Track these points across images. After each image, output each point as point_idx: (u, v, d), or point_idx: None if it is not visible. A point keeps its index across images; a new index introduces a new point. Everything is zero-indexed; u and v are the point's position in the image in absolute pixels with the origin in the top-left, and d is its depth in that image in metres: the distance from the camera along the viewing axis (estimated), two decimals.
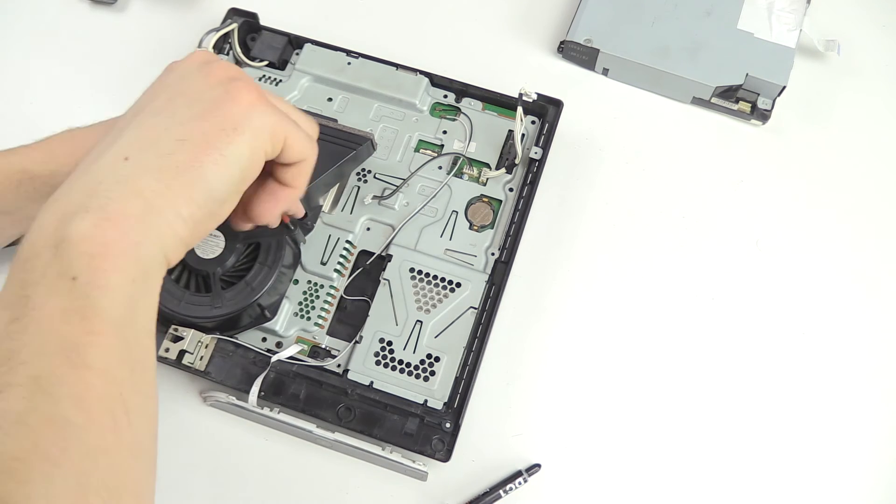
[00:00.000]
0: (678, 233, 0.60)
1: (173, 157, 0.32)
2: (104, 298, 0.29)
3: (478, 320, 0.53)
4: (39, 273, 0.28)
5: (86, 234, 0.29)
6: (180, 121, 0.33)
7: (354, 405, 0.52)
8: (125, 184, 0.31)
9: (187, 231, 0.33)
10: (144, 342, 0.31)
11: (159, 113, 0.34)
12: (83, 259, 0.29)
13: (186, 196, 0.32)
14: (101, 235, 0.29)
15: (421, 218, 0.56)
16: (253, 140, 0.34)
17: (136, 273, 0.30)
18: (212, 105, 0.34)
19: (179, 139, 0.32)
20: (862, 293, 0.58)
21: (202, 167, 0.32)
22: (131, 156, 0.32)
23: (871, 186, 0.61)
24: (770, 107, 0.61)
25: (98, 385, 0.28)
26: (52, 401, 0.27)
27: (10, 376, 0.27)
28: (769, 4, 0.64)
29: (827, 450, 0.53)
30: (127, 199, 0.30)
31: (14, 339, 0.27)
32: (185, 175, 0.32)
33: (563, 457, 0.53)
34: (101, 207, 0.30)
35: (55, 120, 0.64)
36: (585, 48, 0.63)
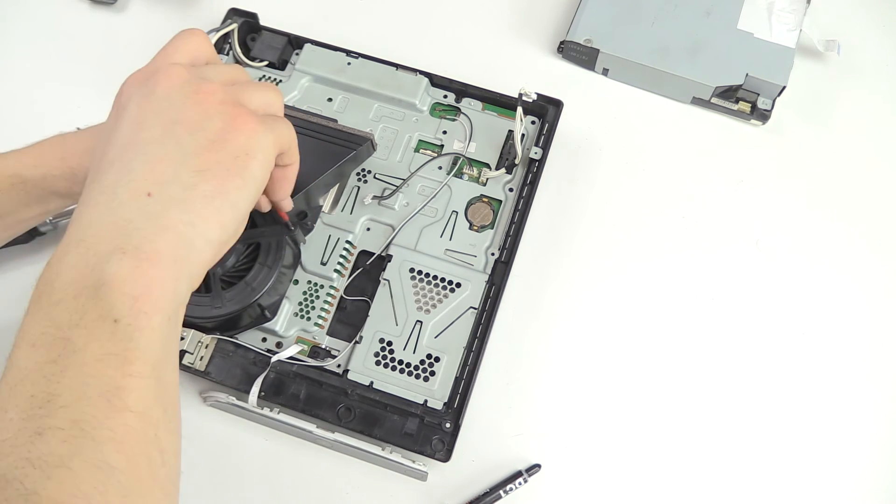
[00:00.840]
0: (678, 233, 0.60)
1: (198, 188, 0.33)
2: (144, 339, 0.29)
3: (478, 320, 0.53)
4: (78, 315, 0.29)
5: (126, 276, 0.29)
6: (192, 152, 0.33)
7: (354, 405, 0.52)
8: (156, 220, 0.31)
9: (213, 253, 0.34)
10: (173, 378, 0.32)
11: (163, 143, 0.33)
12: (126, 301, 0.29)
13: (216, 222, 0.33)
14: (142, 276, 0.29)
15: (421, 218, 0.56)
16: (264, 159, 0.36)
17: (172, 310, 0.31)
18: (218, 136, 0.34)
19: (198, 171, 0.33)
20: (862, 293, 0.58)
21: (227, 193, 0.33)
22: (153, 191, 0.32)
23: (871, 186, 0.61)
24: (770, 107, 0.61)
25: (137, 427, 0.28)
26: (93, 445, 0.27)
27: (51, 419, 0.27)
28: (769, 4, 0.64)
29: (827, 449, 0.53)
30: (161, 237, 0.31)
31: (53, 381, 0.27)
32: (213, 203, 0.33)
33: (563, 457, 0.53)
34: (138, 248, 0.30)
35: (55, 120, 0.64)
36: (585, 48, 0.63)
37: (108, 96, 0.64)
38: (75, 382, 0.28)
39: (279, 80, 0.61)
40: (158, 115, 0.34)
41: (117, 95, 0.37)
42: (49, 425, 0.27)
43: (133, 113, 0.35)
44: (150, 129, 0.34)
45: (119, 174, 0.33)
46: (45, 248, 0.59)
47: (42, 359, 0.28)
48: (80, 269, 0.30)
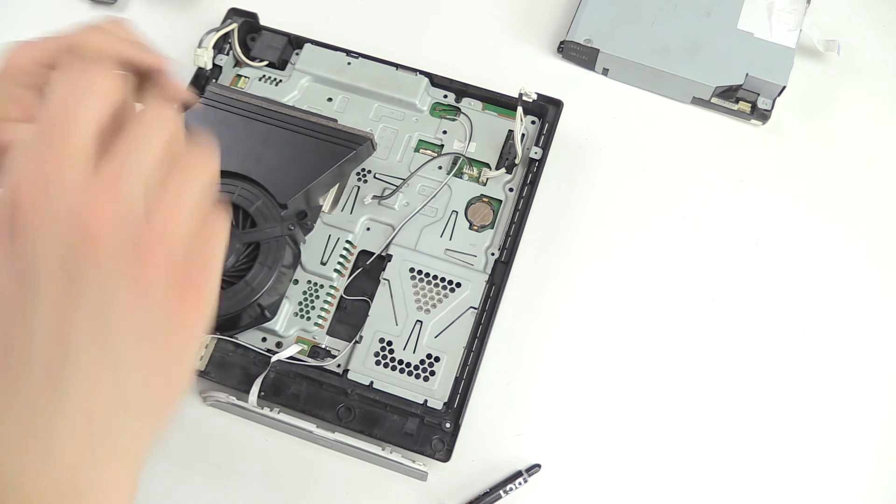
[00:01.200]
0: (678, 233, 0.60)
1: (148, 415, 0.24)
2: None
3: (478, 320, 0.53)
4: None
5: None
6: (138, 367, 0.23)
7: (354, 405, 0.52)
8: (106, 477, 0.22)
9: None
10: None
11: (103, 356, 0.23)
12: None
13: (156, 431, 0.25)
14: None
15: (421, 218, 0.56)
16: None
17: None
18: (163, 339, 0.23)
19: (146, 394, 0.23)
20: (862, 293, 0.58)
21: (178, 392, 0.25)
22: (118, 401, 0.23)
23: (871, 186, 0.61)
24: (770, 107, 0.61)
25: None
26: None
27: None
28: (769, 4, 0.64)
29: (827, 449, 0.53)
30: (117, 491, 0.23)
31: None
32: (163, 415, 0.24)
33: (563, 457, 0.53)
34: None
35: None
36: (585, 48, 0.63)
37: None
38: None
39: (279, 79, 0.61)
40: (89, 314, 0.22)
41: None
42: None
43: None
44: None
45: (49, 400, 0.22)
46: None
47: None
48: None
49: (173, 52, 0.67)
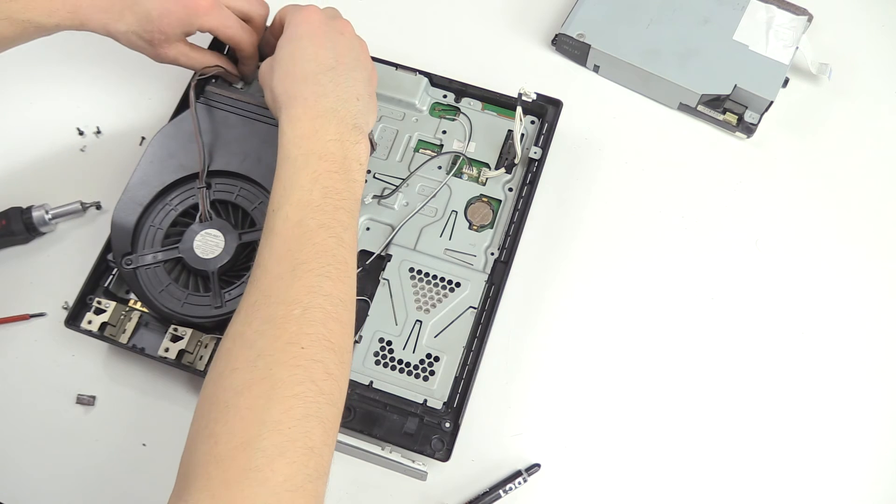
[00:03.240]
0: (677, 233, 0.60)
1: (368, 100, 0.51)
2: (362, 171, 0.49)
3: (477, 320, 0.53)
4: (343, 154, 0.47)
5: (362, 152, 0.48)
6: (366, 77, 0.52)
7: (354, 405, 0.52)
8: (367, 115, 0.50)
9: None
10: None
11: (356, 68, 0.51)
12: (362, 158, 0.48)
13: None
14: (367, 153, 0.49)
15: (420, 218, 0.56)
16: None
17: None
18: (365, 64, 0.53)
19: (369, 90, 0.52)
20: (861, 294, 0.58)
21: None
22: (360, 97, 0.49)
23: (853, 209, 0.61)
24: (757, 121, 0.61)
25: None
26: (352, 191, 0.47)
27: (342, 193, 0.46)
28: (769, 19, 0.63)
29: (826, 449, 0.54)
30: (369, 125, 0.50)
31: (336, 179, 0.46)
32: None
33: (563, 456, 0.53)
34: (363, 131, 0.49)
35: (55, 119, 0.64)
36: (577, 42, 0.63)
37: (109, 95, 0.65)
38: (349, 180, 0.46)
39: None
40: (351, 54, 0.51)
41: (308, 24, 0.50)
42: (342, 198, 0.45)
43: (338, 47, 0.50)
44: (346, 61, 0.50)
45: (339, 84, 0.48)
46: (45, 248, 0.59)
47: (326, 169, 0.45)
48: (337, 141, 0.46)
49: None
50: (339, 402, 0.41)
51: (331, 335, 0.41)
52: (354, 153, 0.47)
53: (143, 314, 0.54)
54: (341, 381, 0.41)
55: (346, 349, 0.42)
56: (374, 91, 0.52)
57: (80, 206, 0.59)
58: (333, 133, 0.46)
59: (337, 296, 0.42)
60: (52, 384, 0.55)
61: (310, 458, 0.37)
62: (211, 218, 0.53)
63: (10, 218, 0.58)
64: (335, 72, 0.49)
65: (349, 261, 0.44)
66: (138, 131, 0.63)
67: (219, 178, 0.54)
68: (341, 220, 0.44)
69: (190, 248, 0.52)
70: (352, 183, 0.46)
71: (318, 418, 0.38)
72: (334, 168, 0.45)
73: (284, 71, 0.49)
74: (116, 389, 0.55)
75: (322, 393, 0.39)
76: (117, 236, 0.53)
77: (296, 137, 0.46)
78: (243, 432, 0.36)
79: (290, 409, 0.37)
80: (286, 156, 0.45)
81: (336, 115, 0.47)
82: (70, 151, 0.63)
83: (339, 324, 0.42)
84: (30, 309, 0.57)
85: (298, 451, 0.37)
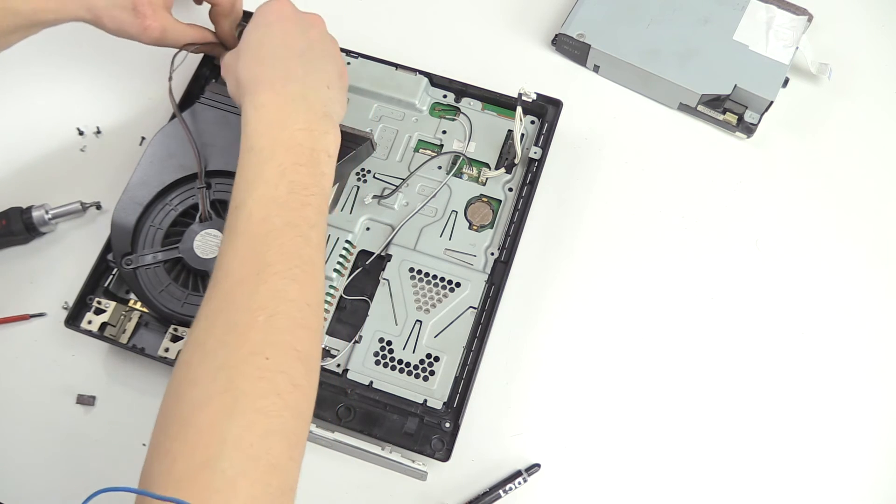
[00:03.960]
0: (677, 233, 0.60)
1: (339, 87, 0.50)
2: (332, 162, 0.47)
3: (477, 320, 0.53)
4: (312, 143, 0.45)
5: (330, 139, 0.46)
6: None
7: (354, 405, 0.52)
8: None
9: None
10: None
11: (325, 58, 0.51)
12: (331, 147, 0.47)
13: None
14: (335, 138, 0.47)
15: (420, 218, 0.56)
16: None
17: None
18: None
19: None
20: (861, 294, 0.58)
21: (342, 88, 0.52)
22: (330, 85, 0.49)
23: (852, 212, 0.61)
24: (757, 121, 0.61)
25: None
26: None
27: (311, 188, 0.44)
28: (769, 19, 0.63)
29: (826, 449, 0.54)
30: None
31: (302, 172, 0.44)
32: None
33: (563, 456, 0.53)
34: (334, 121, 0.47)
35: (55, 119, 0.64)
36: (578, 42, 0.63)
37: (109, 94, 0.65)
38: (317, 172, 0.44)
39: None
40: (323, 45, 0.50)
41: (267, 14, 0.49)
42: (310, 193, 0.43)
43: (308, 34, 0.49)
44: (316, 50, 0.49)
45: (309, 71, 0.47)
46: (45, 248, 0.59)
47: (293, 161, 0.43)
48: (306, 130, 0.45)
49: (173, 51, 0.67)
50: (307, 413, 0.39)
51: (298, 343, 0.39)
52: (323, 144, 0.45)
53: (143, 314, 0.54)
54: (309, 392, 0.39)
55: (313, 357, 0.40)
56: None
57: (80, 206, 0.59)
58: (302, 122, 0.44)
59: (304, 300, 0.40)
60: (52, 384, 0.55)
61: (273, 476, 0.35)
62: (211, 218, 0.53)
63: (10, 218, 0.58)
64: (305, 57, 0.47)
65: (317, 261, 0.42)
66: (138, 131, 0.63)
67: (219, 177, 0.54)
68: (308, 218, 0.42)
69: (190, 248, 0.52)
70: (320, 177, 0.44)
71: (282, 434, 0.36)
72: (302, 161, 0.43)
73: (251, 55, 0.47)
74: (116, 389, 0.55)
75: (287, 407, 0.37)
76: (117, 236, 0.53)
77: (261, 126, 0.44)
78: (203, 451, 0.34)
79: (252, 424, 0.35)
80: (250, 146, 0.43)
81: (305, 101, 0.45)
82: (70, 151, 0.63)
83: (308, 330, 0.40)
84: (30, 309, 0.57)
85: (261, 469, 0.35)
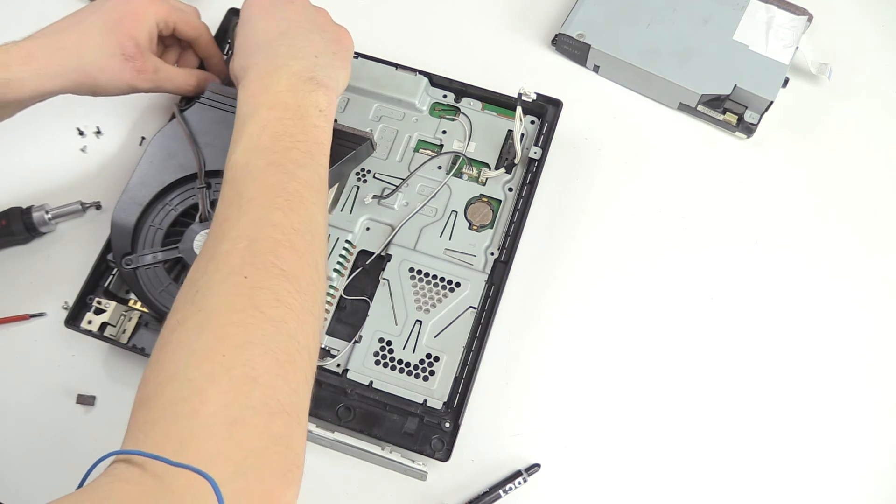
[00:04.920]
0: (677, 233, 0.60)
1: (331, 56, 0.50)
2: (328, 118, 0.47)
3: (477, 320, 0.53)
4: (296, 103, 0.45)
5: (320, 96, 0.46)
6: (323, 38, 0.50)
7: (354, 405, 0.52)
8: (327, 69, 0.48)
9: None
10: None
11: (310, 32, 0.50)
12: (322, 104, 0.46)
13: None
14: (326, 97, 0.46)
15: (420, 218, 0.56)
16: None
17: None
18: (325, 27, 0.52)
19: (328, 46, 0.50)
20: (861, 294, 0.58)
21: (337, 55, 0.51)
22: (318, 54, 0.48)
23: (852, 211, 0.61)
24: (757, 121, 0.61)
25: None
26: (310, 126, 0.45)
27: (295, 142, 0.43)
28: (769, 19, 0.63)
29: (826, 449, 0.53)
30: (331, 77, 0.48)
31: (288, 125, 0.43)
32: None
33: (562, 456, 0.53)
34: (321, 82, 0.46)
35: (55, 119, 0.64)
36: (577, 42, 0.63)
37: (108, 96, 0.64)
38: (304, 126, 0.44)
39: None
40: (306, 18, 0.50)
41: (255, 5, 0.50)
42: (297, 140, 0.43)
43: (288, 14, 0.49)
44: (300, 25, 0.49)
45: (292, 45, 0.47)
46: (45, 248, 0.59)
47: (278, 116, 0.43)
48: (289, 91, 0.45)
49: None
50: (300, 335, 0.36)
51: (281, 262, 0.37)
52: (311, 100, 0.44)
53: (143, 314, 0.54)
54: (300, 312, 0.36)
55: (304, 278, 0.38)
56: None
57: (80, 206, 0.59)
58: (285, 85, 0.44)
59: (290, 226, 0.39)
60: (52, 384, 0.55)
61: (252, 389, 0.32)
62: (211, 218, 0.53)
63: (10, 218, 0.58)
64: (287, 35, 0.48)
65: (305, 195, 0.41)
66: (138, 131, 0.63)
67: (219, 177, 0.54)
68: (295, 160, 0.41)
69: (190, 248, 0.52)
70: (311, 128, 0.44)
71: (264, 347, 0.33)
72: (287, 115, 0.43)
73: (238, 51, 0.49)
74: (116, 389, 0.55)
75: (270, 320, 0.34)
76: (117, 236, 0.53)
77: (246, 97, 0.45)
78: (170, 366, 0.33)
79: (225, 336, 0.33)
80: (237, 116, 0.44)
81: (287, 69, 0.45)
82: (70, 151, 0.63)
83: (295, 252, 0.38)
84: (30, 309, 0.57)
85: (236, 379, 0.32)
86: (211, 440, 0.30)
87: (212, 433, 0.30)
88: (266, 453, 0.32)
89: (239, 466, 0.31)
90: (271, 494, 0.32)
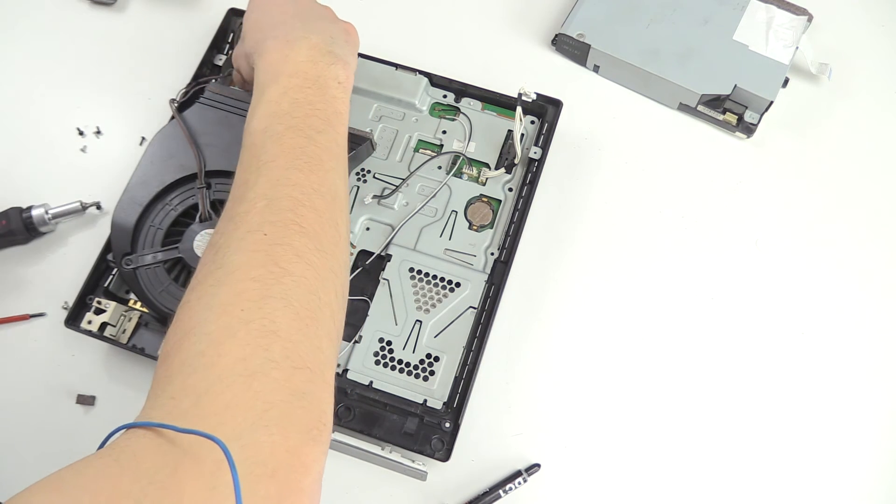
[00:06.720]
0: (677, 233, 0.60)
1: (343, 38, 0.50)
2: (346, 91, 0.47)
3: (477, 320, 0.53)
4: (316, 74, 0.45)
5: (339, 70, 0.46)
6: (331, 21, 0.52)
7: (354, 405, 0.52)
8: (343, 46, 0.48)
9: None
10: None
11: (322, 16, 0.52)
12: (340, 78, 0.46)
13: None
14: (344, 70, 0.46)
15: (420, 218, 0.56)
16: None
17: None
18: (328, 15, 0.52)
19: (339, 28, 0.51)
20: (861, 294, 0.58)
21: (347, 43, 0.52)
22: (335, 37, 0.48)
23: (852, 212, 0.61)
24: (757, 121, 0.61)
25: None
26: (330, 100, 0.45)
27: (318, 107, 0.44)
28: (769, 19, 0.63)
29: (826, 449, 0.54)
30: (349, 54, 0.48)
31: (310, 94, 0.44)
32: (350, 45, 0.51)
33: (563, 456, 0.53)
34: (339, 56, 0.46)
35: (55, 119, 0.64)
36: (577, 42, 0.63)
37: (108, 95, 0.65)
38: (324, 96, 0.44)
39: None
40: (315, 9, 0.51)
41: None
42: (316, 108, 0.43)
43: (298, 2, 0.50)
44: (311, 10, 0.50)
45: (307, 25, 0.47)
46: (45, 248, 0.59)
47: (298, 84, 0.43)
48: (309, 62, 0.44)
49: (173, 52, 0.67)
50: (321, 292, 0.35)
51: (301, 220, 0.37)
52: (331, 72, 0.45)
53: (143, 314, 0.54)
54: (321, 270, 0.36)
55: (325, 237, 0.38)
56: (351, 43, 0.50)
57: (80, 206, 0.59)
58: (305, 56, 0.44)
59: (310, 186, 0.39)
60: (52, 384, 0.55)
61: (273, 342, 0.32)
62: (211, 218, 0.53)
63: (10, 218, 0.58)
64: (301, 17, 0.48)
65: (324, 158, 0.41)
66: (138, 131, 0.63)
67: (219, 177, 0.54)
68: (314, 125, 0.41)
69: (190, 247, 0.52)
70: (331, 99, 0.44)
71: (285, 301, 0.33)
72: (307, 84, 0.43)
73: (251, 30, 0.49)
74: (116, 389, 0.55)
75: (290, 274, 0.34)
76: (117, 236, 0.53)
77: (265, 66, 0.44)
78: (187, 322, 0.32)
79: (244, 291, 0.33)
80: (255, 86, 0.44)
81: (307, 41, 0.45)
82: (70, 151, 0.63)
83: (314, 211, 0.38)
84: (30, 309, 0.57)
85: (254, 332, 0.31)
86: (228, 391, 0.30)
87: (230, 384, 0.30)
88: (289, 407, 0.31)
89: (260, 418, 0.30)
90: (297, 450, 0.30)
